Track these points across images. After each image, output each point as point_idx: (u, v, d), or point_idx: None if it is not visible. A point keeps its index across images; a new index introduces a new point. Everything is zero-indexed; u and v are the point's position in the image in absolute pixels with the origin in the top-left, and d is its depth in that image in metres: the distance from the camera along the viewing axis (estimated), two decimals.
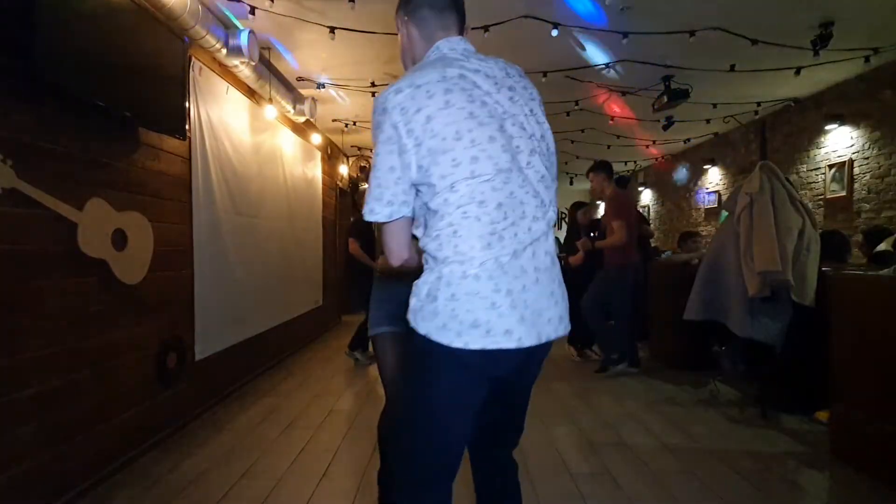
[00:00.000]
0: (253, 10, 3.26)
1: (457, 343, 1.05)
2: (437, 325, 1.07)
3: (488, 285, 1.06)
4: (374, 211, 1.11)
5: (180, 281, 3.11)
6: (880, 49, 4.09)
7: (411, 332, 1.12)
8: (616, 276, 4.27)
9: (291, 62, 4.31)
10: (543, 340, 1.12)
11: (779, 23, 3.58)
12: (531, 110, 1.18)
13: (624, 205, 4.31)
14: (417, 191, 1.12)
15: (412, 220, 1.15)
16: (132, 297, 2.63)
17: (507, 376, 1.18)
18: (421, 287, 1.11)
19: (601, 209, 6.29)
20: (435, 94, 1.08)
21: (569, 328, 1.20)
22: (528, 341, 1.08)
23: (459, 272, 1.06)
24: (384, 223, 1.13)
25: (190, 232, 3.21)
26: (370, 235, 4.35)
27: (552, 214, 1.18)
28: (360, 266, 4.43)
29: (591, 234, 4.88)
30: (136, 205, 2.65)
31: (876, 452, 2.40)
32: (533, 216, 1.12)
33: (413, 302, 1.12)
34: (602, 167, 4.37)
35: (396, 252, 1.16)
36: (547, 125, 1.22)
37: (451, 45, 1.19)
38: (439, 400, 1.14)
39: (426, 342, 1.08)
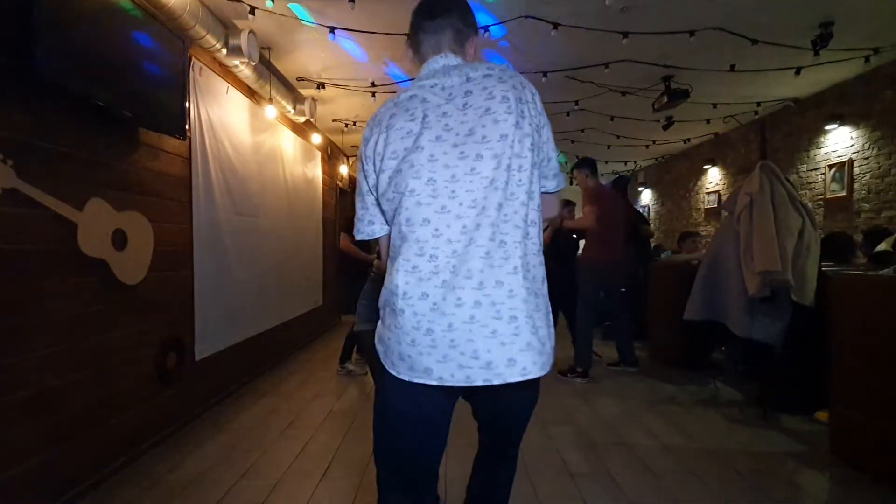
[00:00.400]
0: (253, 10, 3.26)
1: (392, 371, 1.13)
2: (381, 350, 1.16)
3: (411, 321, 1.07)
4: (360, 231, 1.24)
5: (180, 281, 3.11)
6: (880, 49, 4.09)
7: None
8: (582, 272, 4.25)
9: (291, 62, 4.31)
10: (479, 384, 1.05)
11: (779, 23, 3.58)
12: (487, 109, 1.09)
13: (602, 196, 4.22)
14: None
15: None
16: (132, 297, 2.63)
17: (481, 405, 1.24)
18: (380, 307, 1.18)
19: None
20: (381, 121, 1.16)
21: (536, 370, 1.08)
22: (453, 382, 1.06)
23: (391, 302, 1.10)
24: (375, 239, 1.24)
25: (190, 232, 3.21)
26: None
27: (505, 226, 1.07)
28: (352, 263, 4.36)
29: (573, 235, 4.87)
30: (136, 205, 2.65)
31: (876, 452, 2.40)
32: (473, 228, 1.05)
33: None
34: (584, 163, 4.32)
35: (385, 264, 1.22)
36: (515, 120, 1.09)
37: (430, 65, 1.22)
38: (392, 413, 1.19)
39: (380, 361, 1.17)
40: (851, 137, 4.96)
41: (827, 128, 5.18)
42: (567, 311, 4.62)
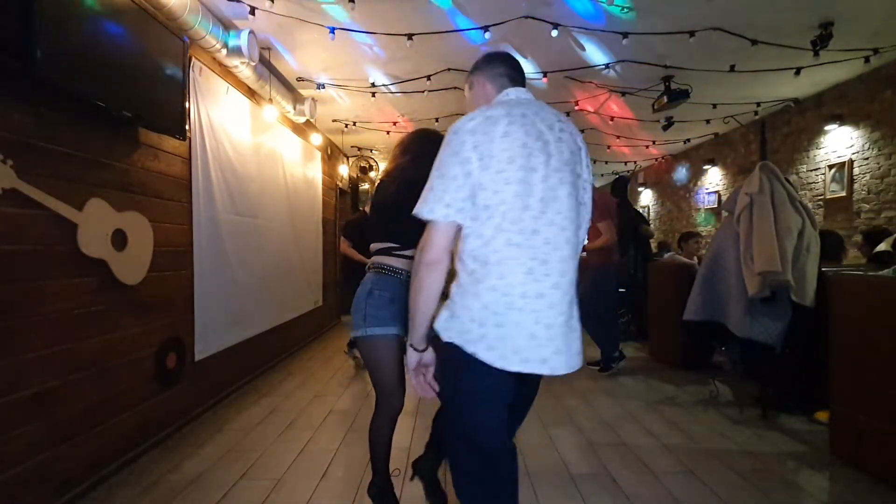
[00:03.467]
0: (253, 10, 3.26)
1: (499, 363, 1.21)
2: (484, 347, 1.21)
3: (531, 317, 1.21)
4: (434, 210, 1.22)
5: (180, 281, 3.11)
6: (880, 49, 4.09)
7: (446, 345, 1.26)
8: (599, 278, 4.23)
9: (291, 62, 4.31)
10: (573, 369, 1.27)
11: (779, 23, 3.58)
12: (571, 152, 1.31)
13: (607, 205, 4.31)
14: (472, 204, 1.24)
15: (459, 230, 1.26)
16: (132, 297, 2.63)
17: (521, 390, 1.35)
18: (461, 308, 1.25)
19: None
20: (499, 123, 1.24)
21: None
22: (561, 370, 1.25)
23: (504, 302, 1.20)
24: (434, 221, 1.23)
25: (190, 232, 3.21)
26: (363, 237, 4.31)
27: (578, 248, 1.33)
28: (354, 266, 4.36)
29: None
30: (136, 205, 2.65)
31: (876, 452, 2.40)
32: (565, 246, 1.26)
33: (454, 320, 1.26)
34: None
35: (435, 252, 1.24)
36: (588, 171, 1.37)
37: (519, 92, 1.38)
38: (483, 394, 1.29)
39: (469, 358, 1.23)
40: (851, 138, 4.96)
41: (827, 128, 5.18)
42: None
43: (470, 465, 1.31)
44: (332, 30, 3.52)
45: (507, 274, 1.20)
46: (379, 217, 1.96)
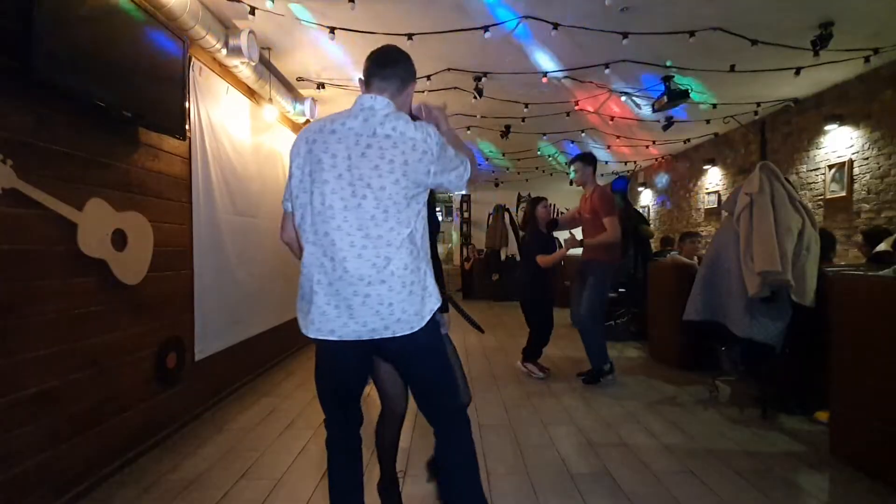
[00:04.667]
0: (253, 10, 3.26)
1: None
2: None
3: (323, 298, 1.49)
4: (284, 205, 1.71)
5: (180, 281, 3.11)
6: (880, 49, 4.09)
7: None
8: (596, 277, 3.98)
9: (291, 62, 4.31)
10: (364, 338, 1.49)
11: (779, 23, 3.58)
12: (376, 166, 1.47)
13: (613, 201, 4.04)
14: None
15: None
16: (132, 297, 2.63)
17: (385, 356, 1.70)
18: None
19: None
20: (307, 138, 1.55)
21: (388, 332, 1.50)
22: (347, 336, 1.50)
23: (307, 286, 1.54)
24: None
25: (190, 232, 3.21)
26: None
27: (387, 249, 1.47)
28: None
29: (547, 232, 4.47)
30: (136, 205, 2.65)
31: (876, 452, 2.40)
32: (358, 251, 1.47)
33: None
34: (591, 160, 4.10)
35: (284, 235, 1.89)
36: (395, 176, 1.48)
37: (361, 101, 1.58)
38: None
39: None
40: (851, 138, 4.96)
41: (827, 128, 5.18)
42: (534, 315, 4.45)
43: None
44: (332, 29, 3.53)
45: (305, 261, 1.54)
46: None
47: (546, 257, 4.28)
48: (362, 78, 1.66)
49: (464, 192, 12.74)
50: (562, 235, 4.59)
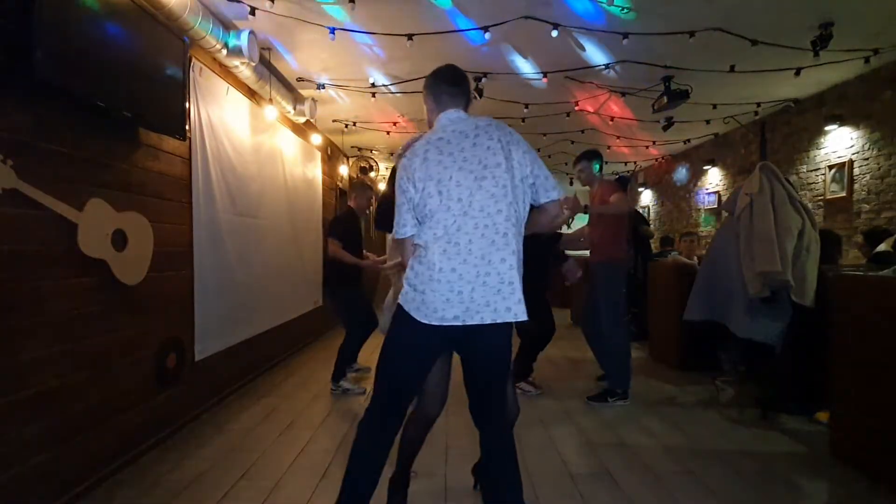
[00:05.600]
0: (253, 10, 3.26)
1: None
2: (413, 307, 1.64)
3: (446, 286, 1.58)
4: (399, 233, 1.70)
5: (180, 281, 3.11)
6: (880, 50, 4.09)
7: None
8: (605, 279, 3.64)
9: (291, 62, 4.31)
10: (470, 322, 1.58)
11: (779, 23, 3.58)
12: (488, 147, 1.64)
13: (613, 186, 3.73)
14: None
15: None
16: (132, 297, 2.63)
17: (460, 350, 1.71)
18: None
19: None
20: (418, 154, 1.67)
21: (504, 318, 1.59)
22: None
23: (426, 275, 1.60)
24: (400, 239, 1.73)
25: (190, 232, 3.21)
26: (356, 234, 4.00)
27: (504, 224, 1.60)
28: (347, 270, 3.90)
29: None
30: (136, 205, 2.65)
31: (876, 453, 2.40)
32: (482, 231, 1.59)
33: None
34: (596, 156, 3.82)
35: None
36: (507, 154, 1.65)
37: (448, 116, 1.75)
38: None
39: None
40: (851, 138, 4.96)
41: (827, 128, 5.18)
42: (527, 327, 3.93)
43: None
44: (332, 30, 3.52)
45: (429, 255, 1.61)
46: None
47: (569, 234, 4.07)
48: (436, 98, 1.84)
49: None
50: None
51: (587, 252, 3.98)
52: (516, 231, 1.63)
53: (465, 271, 1.57)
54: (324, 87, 4.83)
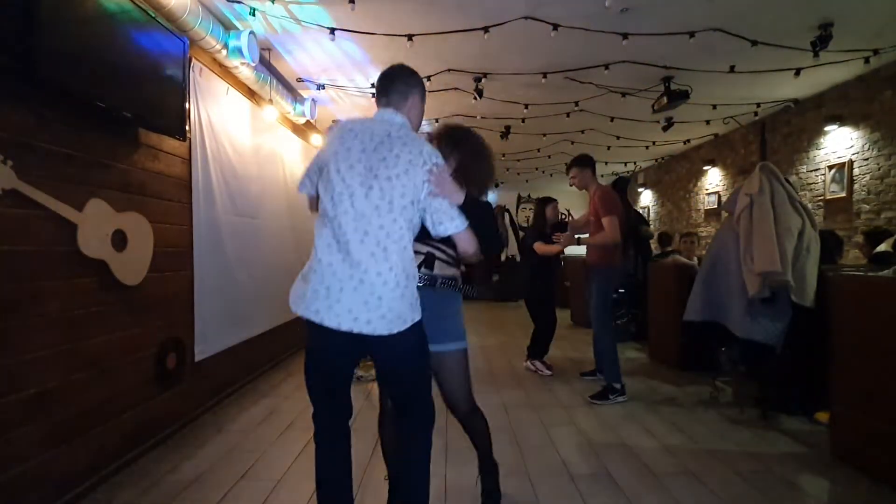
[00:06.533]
0: (253, 10, 3.26)
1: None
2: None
3: (318, 278, 1.56)
4: (299, 188, 1.76)
5: (180, 281, 3.11)
6: (880, 50, 4.09)
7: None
8: (598, 281, 3.80)
9: (291, 63, 4.31)
10: (343, 329, 1.52)
11: (778, 24, 3.58)
12: (384, 158, 1.59)
13: (616, 200, 3.80)
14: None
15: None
16: (132, 297, 2.63)
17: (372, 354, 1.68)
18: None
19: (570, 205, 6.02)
20: (341, 129, 1.69)
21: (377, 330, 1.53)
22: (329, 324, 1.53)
23: (310, 265, 1.61)
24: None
25: (190, 233, 3.21)
26: None
27: (385, 239, 1.55)
28: None
29: (550, 233, 4.38)
30: (136, 205, 2.65)
31: (876, 452, 2.40)
32: (361, 237, 1.55)
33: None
34: (588, 162, 3.88)
35: None
36: (403, 171, 1.58)
37: (378, 113, 1.75)
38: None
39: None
40: (851, 138, 4.97)
41: (826, 129, 5.19)
42: (539, 317, 4.51)
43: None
44: (332, 30, 3.53)
45: (317, 244, 1.61)
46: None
47: (543, 245, 4.31)
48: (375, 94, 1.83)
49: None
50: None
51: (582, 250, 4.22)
52: (399, 248, 1.56)
53: (339, 269, 1.54)
54: (324, 88, 4.83)
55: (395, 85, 1.77)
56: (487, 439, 2.10)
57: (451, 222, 1.64)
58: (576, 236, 4.29)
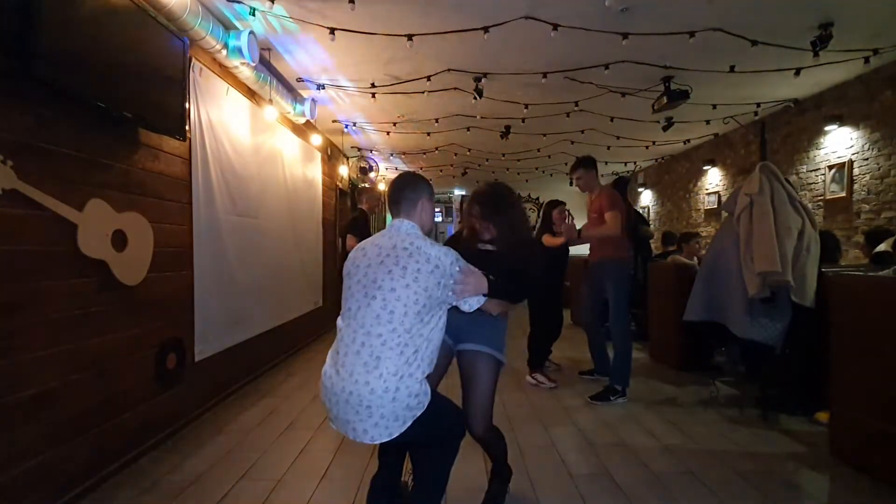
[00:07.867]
0: (253, 10, 3.26)
1: None
2: None
3: (327, 387, 1.67)
4: None
5: (180, 282, 3.11)
6: (880, 50, 4.09)
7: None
8: (614, 271, 3.76)
9: (291, 63, 4.31)
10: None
11: (778, 24, 3.58)
12: (389, 270, 1.64)
13: (618, 198, 3.83)
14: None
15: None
16: (132, 297, 2.63)
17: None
18: None
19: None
20: (360, 246, 1.81)
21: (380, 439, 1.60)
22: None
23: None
24: None
25: (190, 233, 3.21)
26: (368, 233, 4.35)
27: (380, 348, 1.58)
28: None
29: (555, 232, 4.38)
30: (136, 206, 2.65)
31: (876, 452, 2.40)
32: (358, 348, 1.61)
33: None
34: (593, 164, 3.94)
35: None
36: (410, 282, 1.62)
37: (392, 224, 1.82)
38: None
39: None
40: (851, 138, 4.97)
41: (826, 129, 5.19)
42: (542, 318, 4.40)
43: None
44: (332, 30, 3.53)
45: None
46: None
47: (550, 238, 4.25)
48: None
49: (464, 193, 12.76)
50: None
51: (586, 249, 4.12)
52: (396, 354, 1.58)
53: (335, 381, 1.61)
54: (324, 88, 4.83)
55: (404, 194, 1.84)
56: (504, 451, 2.17)
57: (475, 300, 1.77)
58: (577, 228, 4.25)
